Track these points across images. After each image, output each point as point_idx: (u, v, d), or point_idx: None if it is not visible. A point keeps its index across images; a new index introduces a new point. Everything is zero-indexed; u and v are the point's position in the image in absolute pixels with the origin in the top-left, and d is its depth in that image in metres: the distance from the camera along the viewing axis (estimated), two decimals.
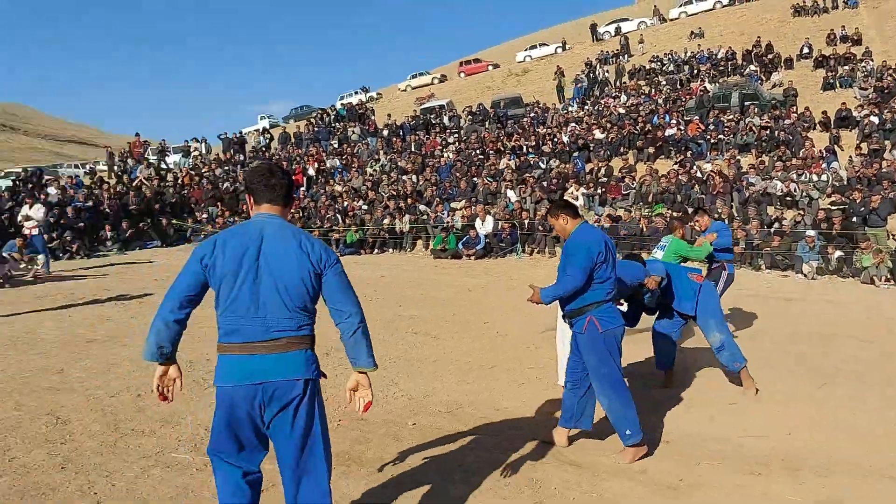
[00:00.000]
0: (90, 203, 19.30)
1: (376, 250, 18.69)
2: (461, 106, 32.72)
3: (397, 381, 6.42)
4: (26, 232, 14.66)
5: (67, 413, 5.33)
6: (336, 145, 29.05)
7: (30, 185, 21.31)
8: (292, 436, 2.92)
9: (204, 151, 30.61)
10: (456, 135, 27.31)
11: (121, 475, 4.21)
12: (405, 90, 52.52)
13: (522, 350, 7.70)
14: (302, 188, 23.06)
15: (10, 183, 23.50)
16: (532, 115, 27.68)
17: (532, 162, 21.66)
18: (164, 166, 27.64)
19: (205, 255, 2.90)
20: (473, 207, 18.15)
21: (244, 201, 21.49)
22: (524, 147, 23.36)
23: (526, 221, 16.98)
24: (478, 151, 23.91)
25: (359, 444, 4.76)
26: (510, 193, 19.22)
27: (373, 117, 33.05)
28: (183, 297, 2.89)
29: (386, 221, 19.12)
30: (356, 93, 50.43)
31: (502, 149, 23.51)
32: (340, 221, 19.90)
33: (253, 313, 2.87)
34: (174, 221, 20.97)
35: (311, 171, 24.76)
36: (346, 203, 21.03)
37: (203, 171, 26.47)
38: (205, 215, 21.59)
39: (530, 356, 7.40)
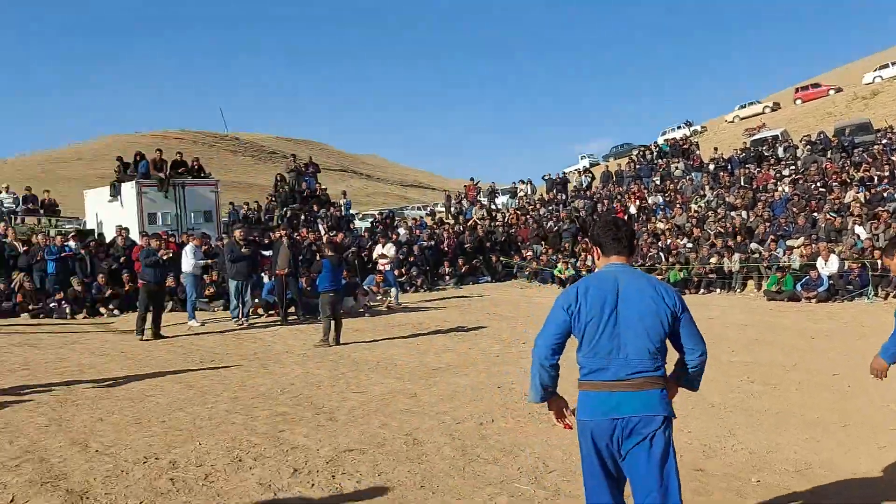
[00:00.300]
0: (432, 242, 21.35)
1: (702, 290, 17.95)
2: (797, 135, 30.15)
3: (735, 432, 6.09)
4: (380, 267, 16.70)
5: (422, 435, 5.94)
6: (658, 182, 28.53)
7: (383, 226, 24.22)
8: (649, 467, 3.07)
9: (529, 192, 32.13)
10: (792, 167, 25.18)
11: (471, 500, 4.58)
12: (733, 121, 50.10)
13: (881, 408, 6.79)
14: None
15: (367, 224, 26.96)
16: (885, 141, 24.49)
17: (886, 194, 19.14)
18: (493, 207, 29.58)
19: (570, 304, 3.18)
20: (814, 245, 16.55)
21: (567, 239, 22.37)
22: (875, 178, 20.75)
23: (879, 261, 15.01)
24: (818, 184, 21.78)
25: (699, 495, 4.60)
26: (859, 230, 17.17)
27: (697, 151, 31.89)
28: (554, 344, 3.20)
29: (713, 260, 18.26)
30: (679, 127, 49.25)
31: (848, 180, 21.13)
32: (663, 260, 19.47)
33: (615, 355, 3.10)
34: (502, 259, 22.28)
35: (633, 209, 24.61)
36: (669, 241, 20.55)
37: (529, 210, 27.77)
38: (530, 253, 22.59)
39: (892, 416, 6.51)
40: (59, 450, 5.40)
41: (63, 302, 14.32)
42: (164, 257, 11.77)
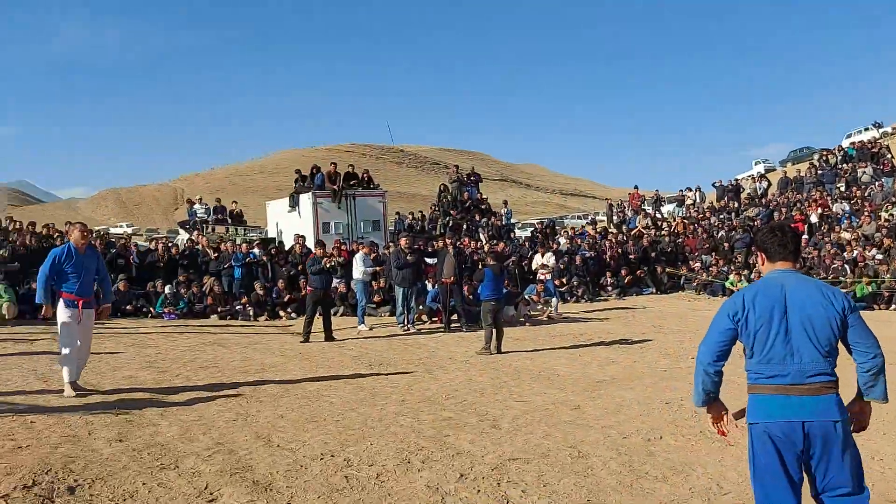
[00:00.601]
0: (593, 252, 20.98)
1: (893, 306, 16.41)
2: None
3: None
4: (541, 277, 16.65)
5: (587, 448, 5.84)
6: (843, 188, 26.42)
7: (543, 236, 24.11)
8: (843, 473, 3.10)
9: (698, 200, 30.79)
10: None
11: None
12: None
13: None
14: (804, 236, 21.49)
15: (527, 233, 26.98)
16: None
17: None
18: (659, 215, 28.62)
19: (736, 313, 3.23)
20: None
21: (739, 250, 21.17)
22: None
23: None
24: None
25: None
26: None
27: (889, 155, 29.20)
28: (718, 351, 3.28)
29: None
30: (866, 129, 45.42)
31: None
32: (849, 272, 17.98)
33: (790, 360, 3.14)
34: (668, 270, 21.48)
35: (814, 218, 22.93)
36: (855, 252, 18.95)
37: (698, 219, 26.62)
38: (698, 264, 21.63)
39: None
40: (245, 443, 5.83)
41: (247, 305, 15.47)
42: (328, 265, 12.37)
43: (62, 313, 7.33)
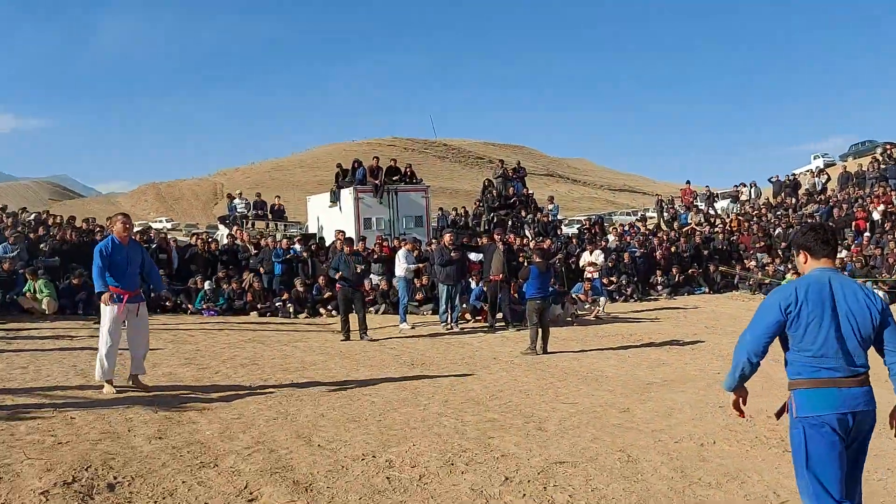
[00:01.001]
0: (643, 250, 20.52)
1: None
2: None
3: None
4: (588, 275, 16.32)
5: (636, 452, 5.59)
6: None
7: (591, 233, 23.69)
8: (860, 462, 3.32)
9: (753, 196, 29.97)
10: None
11: None
12: None
13: None
14: (865, 234, 20.69)
15: (574, 230, 26.57)
16: None
17: None
18: (712, 212, 27.92)
19: (789, 304, 3.28)
20: None
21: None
22: None
23: None
24: None
25: None
26: None
27: None
28: (765, 343, 3.35)
29: None
30: None
31: None
32: None
33: (839, 354, 3.24)
34: (722, 268, 20.87)
35: (876, 215, 22.04)
36: None
37: (753, 216, 25.87)
38: (753, 262, 21.00)
39: None
40: (285, 442, 5.72)
41: (287, 302, 15.38)
42: (359, 269, 12.08)
43: (107, 308, 7.28)
